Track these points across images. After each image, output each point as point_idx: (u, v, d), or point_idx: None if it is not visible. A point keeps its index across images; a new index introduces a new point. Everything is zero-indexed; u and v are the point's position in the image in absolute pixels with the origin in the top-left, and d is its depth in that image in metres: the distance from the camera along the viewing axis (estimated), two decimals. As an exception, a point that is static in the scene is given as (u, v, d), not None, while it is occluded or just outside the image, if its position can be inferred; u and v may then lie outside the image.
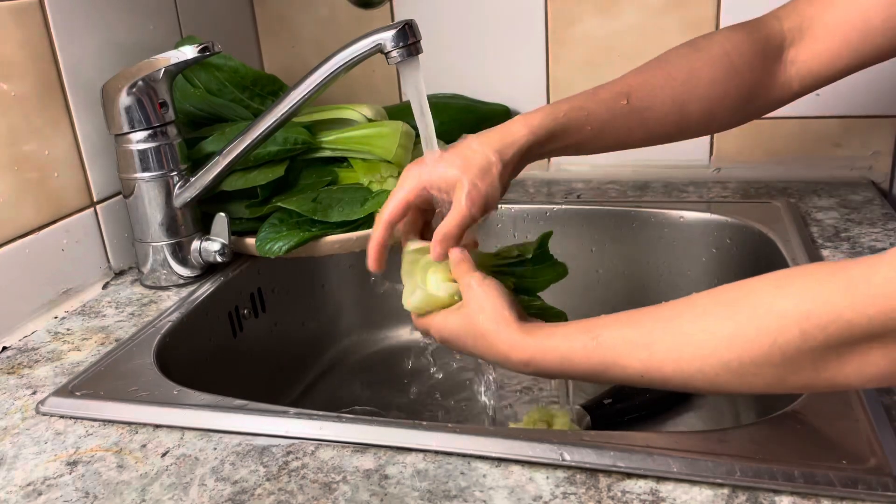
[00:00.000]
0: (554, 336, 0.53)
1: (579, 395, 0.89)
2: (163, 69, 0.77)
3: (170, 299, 0.80)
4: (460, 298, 0.60)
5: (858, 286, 0.40)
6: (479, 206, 0.62)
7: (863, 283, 0.39)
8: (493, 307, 0.56)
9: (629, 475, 0.49)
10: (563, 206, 0.98)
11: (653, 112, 0.68)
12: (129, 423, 0.59)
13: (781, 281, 0.44)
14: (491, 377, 0.74)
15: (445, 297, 0.61)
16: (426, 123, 0.66)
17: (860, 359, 0.41)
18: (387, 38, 0.65)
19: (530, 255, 0.64)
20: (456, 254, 0.61)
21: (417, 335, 0.74)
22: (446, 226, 0.61)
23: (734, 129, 1.02)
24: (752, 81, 0.68)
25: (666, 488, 0.47)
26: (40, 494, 0.52)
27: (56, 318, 0.78)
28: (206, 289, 0.82)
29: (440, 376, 0.89)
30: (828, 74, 0.68)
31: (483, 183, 0.62)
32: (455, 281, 0.61)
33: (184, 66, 0.78)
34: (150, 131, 0.79)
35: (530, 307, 0.62)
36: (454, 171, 0.62)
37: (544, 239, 0.65)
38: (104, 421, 0.60)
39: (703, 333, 0.46)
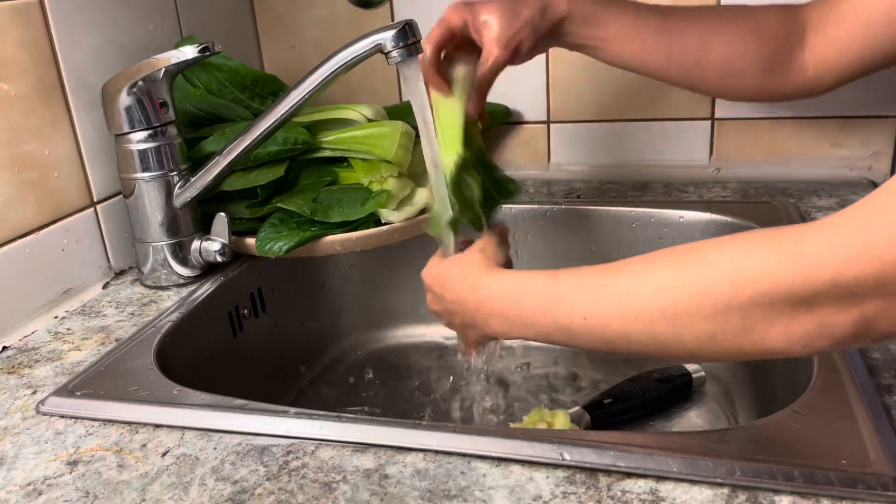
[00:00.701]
0: (521, 273, 0.57)
1: (580, 395, 0.89)
2: (163, 69, 0.77)
3: (170, 299, 0.80)
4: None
5: (787, 249, 0.41)
6: (507, 48, 0.68)
7: (791, 246, 0.41)
8: (492, 251, 0.61)
9: (629, 475, 0.49)
10: (563, 206, 0.98)
11: (678, 39, 0.73)
12: (130, 423, 0.59)
13: (725, 240, 0.46)
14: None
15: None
16: (426, 123, 0.66)
17: (787, 321, 0.42)
18: (387, 38, 0.65)
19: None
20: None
21: (418, 334, 0.74)
22: (480, 74, 0.68)
23: (734, 128, 1.03)
24: (773, 48, 0.72)
25: (666, 488, 0.47)
26: (40, 494, 0.52)
27: (56, 317, 0.78)
28: (206, 289, 0.82)
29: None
30: (837, 69, 0.71)
31: (511, 28, 0.68)
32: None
33: (184, 66, 0.78)
34: (150, 131, 0.79)
35: None
36: (488, 15, 0.68)
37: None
38: (104, 421, 0.60)
39: (647, 282, 0.48)
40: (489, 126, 1.09)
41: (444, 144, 0.66)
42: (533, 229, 0.99)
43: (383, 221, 0.85)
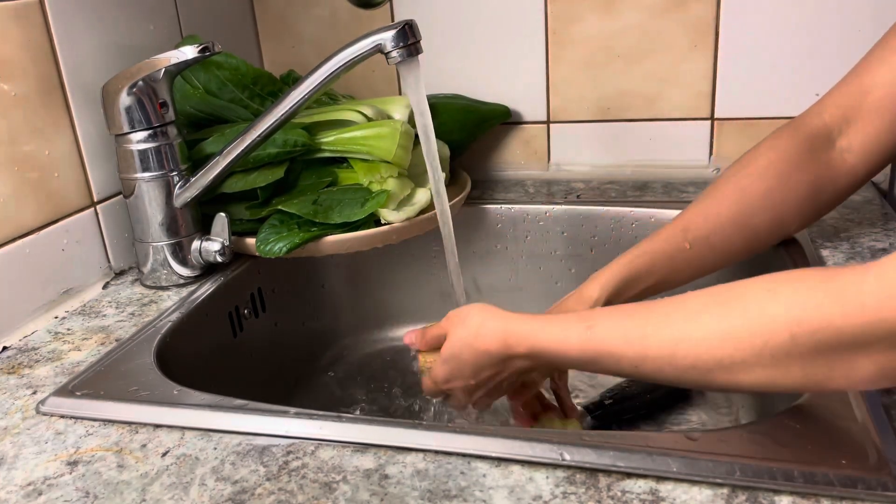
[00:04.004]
0: (551, 323, 0.56)
1: (579, 395, 0.89)
2: (163, 69, 0.77)
3: (170, 299, 0.80)
4: None
5: (848, 296, 0.41)
6: None
7: (852, 293, 0.41)
8: (479, 311, 0.60)
9: (629, 475, 0.49)
10: (563, 206, 0.98)
11: (716, 236, 0.69)
12: (130, 423, 0.59)
13: (774, 285, 0.45)
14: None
15: None
16: (426, 124, 0.66)
17: (848, 364, 0.42)
18: (387, 38, 0.65)
19: None
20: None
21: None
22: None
23: (734, 128, 1.03)
24: (808, 179, 0.69)
25: (666, 488, 0.47)
26: (41, 494, 0.52)
27: (56, 317, 0.78)
28: (206, 289, 0.82)
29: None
30: (886, 151, 0.69)
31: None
32: None
33: (184, 66, 0.78)
34: (150, 131, 0.79)
35: None
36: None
37: None
38: (104, 421, 0.60)
39: (698, 332, 0.47)
40: (489, 126, 1.09)
41: None
42: (533, 229, 0.99)
43: (383, 222, 0.85)
